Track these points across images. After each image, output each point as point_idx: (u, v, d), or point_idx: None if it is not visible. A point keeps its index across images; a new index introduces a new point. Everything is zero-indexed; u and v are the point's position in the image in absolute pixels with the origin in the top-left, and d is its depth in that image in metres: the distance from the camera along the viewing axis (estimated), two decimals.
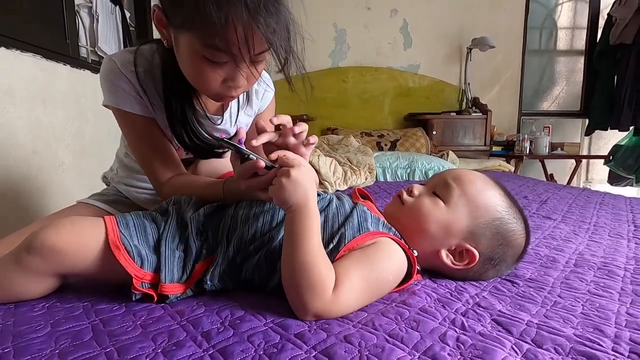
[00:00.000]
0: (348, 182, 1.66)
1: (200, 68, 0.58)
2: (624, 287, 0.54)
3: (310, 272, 0.43)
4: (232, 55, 0.55)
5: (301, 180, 0.46)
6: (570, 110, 3.12)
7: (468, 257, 0.54)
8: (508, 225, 0.54)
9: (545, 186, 1.67)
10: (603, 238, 0.82)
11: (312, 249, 0.44)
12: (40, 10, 1.40)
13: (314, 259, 0.44)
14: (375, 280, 0.47)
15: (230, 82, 0.59)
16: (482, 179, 0.58)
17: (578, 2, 3.03)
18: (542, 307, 0.48)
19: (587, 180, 3.23)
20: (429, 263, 0.56)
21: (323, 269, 0.44)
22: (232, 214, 0.54)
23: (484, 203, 0.54)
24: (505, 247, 0.54)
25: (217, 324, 0.43)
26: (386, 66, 2.89)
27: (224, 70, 0.58)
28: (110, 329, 0.42)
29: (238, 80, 0.59)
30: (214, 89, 0.60)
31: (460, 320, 0.44)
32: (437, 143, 2.64)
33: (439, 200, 0.55)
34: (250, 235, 0.51)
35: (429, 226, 0.54)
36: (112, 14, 1.82)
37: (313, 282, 0.43)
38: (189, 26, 0.55)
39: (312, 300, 0.43)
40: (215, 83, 0.59)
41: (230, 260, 0.51)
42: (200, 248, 0.52)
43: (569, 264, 0.65)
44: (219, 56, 0.56)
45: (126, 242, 0.48)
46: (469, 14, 2.83)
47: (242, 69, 0.58)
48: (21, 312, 0.46)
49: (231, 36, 0.52)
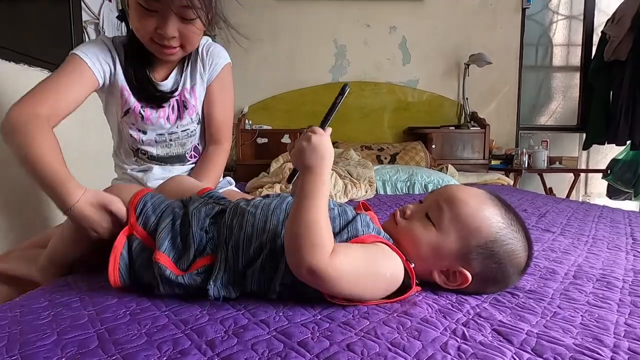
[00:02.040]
0: (348, 195, 1.67)
1: (138, 17, 0.74)
2: (623, 299, 0.55)
3: (313, 229, 0.46)
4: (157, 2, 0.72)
5: (319, 146, 0.51)
6: (568, 124, 3.16)
7: (461, 278, 0.54)
8: (505, 247, 0.53)
9: (544, 199, 1.68)
10: (602, 250, 0.83)
11: (317, 209, 0.48)
12: (49, 26, 1.44)
13: (318, 218, 0.47)
14: (372, 266, 0.49)
15: (160, 29, 0.75)
16: (477, 199, 0.56)
17: (572, 20, 3.11)
18: (542, 317, 0.48)
19: (585, 194, 3.24)
20: (426, 279, 0.57)
21: (325, 231, 0.47)
22: (227, 224, 0.55)
23: (477, 226, 0.53)
24: (502, 266, 0.54)
25: (221, 333, 0.43)
26: (385, 81, 2.94)
27: (155, 18, 0.75)
28: (115, 338, 0.42)
29: (166, 28, 0.75)
30: (149, 34, 0.76)
31: (461, 330, 0.44)
32: (437, 157, 2.66)
33: (430, 225, 0.55)
34: (247, 240, 0.53)
35: (420, 249, 0.55)
36: (117, 30, 1.87)
37: (314, 238, 0.46)
38: None
39: (309, 255, 0.45)
40: (149, 29, 0.75)
41: (232, 267, 0.52)
42: (205, 244, 0.54)
43: (568, 275, 0.65)
44: (149, 4, 0.72)
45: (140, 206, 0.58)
46: (466, 31, 2.90)
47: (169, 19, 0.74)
48: (27, 321, 0.47)
49: None
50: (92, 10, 1.71)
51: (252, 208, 0.57)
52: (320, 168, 0.51)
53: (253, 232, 0.54)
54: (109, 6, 1.81)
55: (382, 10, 2.88)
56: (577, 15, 3.09)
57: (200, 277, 0.52)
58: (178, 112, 0.93)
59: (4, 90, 1.18)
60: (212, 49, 0.94)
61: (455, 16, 2.89)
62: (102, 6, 1.76)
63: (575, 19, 3.09)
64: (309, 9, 2.83)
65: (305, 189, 0.49)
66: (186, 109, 0.93)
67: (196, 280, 0.52)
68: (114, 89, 0.87)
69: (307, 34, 2.87)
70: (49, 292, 0.58)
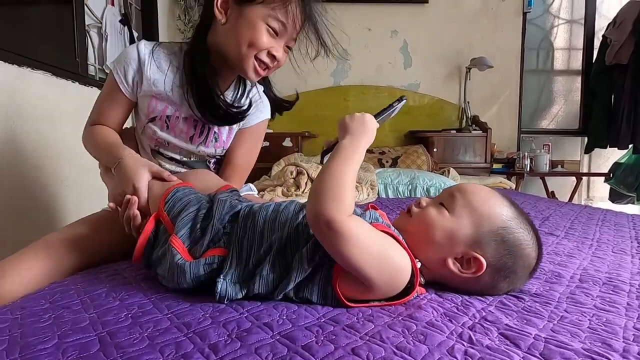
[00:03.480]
0: None
1: (259, 35, 0.76)
2: (630, 302, 0.54)
3: (339, 185, 0.49)
4: (285, 30, 0.77)
5: (366, 121, 0.58)
6: (569, 128, 3.16)
7: (475, 265, 0.54)
8: (514, 235, 0.54)
9: (546, 203, 1.68)
10: (607, 254, 0.82)
11: (347, 170, 0.50)
12: (52, 31, 1.45)
13: (346, 178, 0.50)
14: (382, 245, 0.50)
15: (275, 51, 0.79)
16: (486, 190, 0.59)
17: (573, 25, 3.12)
18: (549, 321, 0.48)
19: (588, 198, 3.23)
20: (438, 274, 0.56)
21: (350, 191, 0.49)
22: (241, 225, 0.56)
23: (488, 212, 0.55)
24: (513, 257, 0.54)
25: (224, 336, 0.43)
26: (387, 85, 2.94)
27: (275, 41, 0.78)
28: (117, 341, 0.42)
29: (280, 52, 0.80)
30: (259, 50, 0.78)
31: (468, 334, 0.44)
32: (438, 160, 2.66)
33: (444, 210, 0.57)
34: (258, 239, 0.54)
35: (434, 234, 0.55)
36: (120, 34, 1.88)
37: (338, 193, 0.48)
38: (262, 1, 0.75)
39: (330, 206, 0.47)
40: (264, 47, 0.77)
41: (243, 266, 0.52)
42: (221, 236, 0.56)
43: (574, 279, 0.65)
44: (277, 25, 0.76)
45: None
46: (467, 35, 2.91)
47: (286, 43, 0.80)
48: (28, 323, 0.46)
49: (289, 12, 0.76)
50: (95, 14, 1.73)
51: (263, 211, 0.58)
52: (360, 137, 0.55)
53: (264, 232, 0.54)
54: (112, 10, 1.83)
55: (383, 14, 2.89)
56: (578, 20, 3.10)
57: (209, 267, 0.53)
58: (205, 139, 0.91)
59: (8, 93, 1.19)
60: (261, 100, 0.95)
61: (457, 20, 2.90)
62: (105, 10, 1.77)
63: (576, 23, 3.10)
64: None
65: (340, 152, 0.53)
66: (215, 141, 0.92)
67: (205, 270, 0.52)
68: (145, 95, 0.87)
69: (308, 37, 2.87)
70: (50, 294, 0.58)
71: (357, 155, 0.54)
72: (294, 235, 0.53)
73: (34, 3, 1.48)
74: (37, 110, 1.30)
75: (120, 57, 0.86)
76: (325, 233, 0.47)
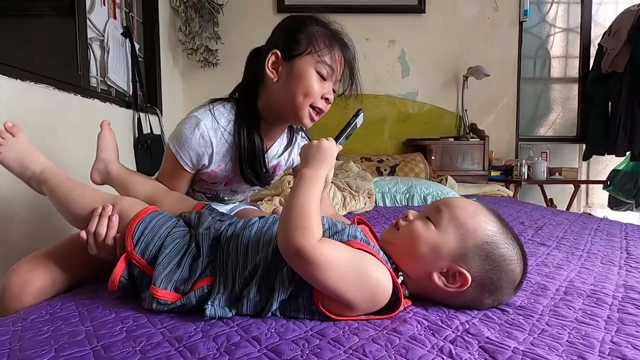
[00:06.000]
0: (347, 207, 1.68)
1: (312, 83, 0.79)
2: (611, 315, 0.56)
3: (303, 213, 0.51)
4: (332, 72, 0.80)
5: (323, 148, 0.61)
6: (567, 135, 3.17)
7: (460, 279, 0.55)
8: (499, 250, 0.55)
9: (542, 212, 1.69)
10: (595, 265, 0.84)
11: (310, 198, 0.53)
12: (54, 44, 1.48)
13: (310, 205, 0.52)
14: (357, 263, 0.51)
15: (327, 95, 0.81)
16: (473, 205, 0.60)
17: (570, 33, 3.15)
18: (530, 334, 0.49)
19: (587, 205, 3.23)
20: (423, 288, 0.58)
21: (315, 217, 0.51)
22: (224, 248, 0.57)
23: (474, 227, 0.56)
24: (498, 272, 0.55)
25: (213, 350, 0.44)
26: (385, 93, 2.97)
27: (325, 86, 0.80)
28: (110, 355, 0.44)
29: (332, 95, 0.83)
30: (314, 99, 0.80)
31: (448, 348, 0.45)
32: (436, 168, 2.67)
33: (430, 224, 0.58)
34: (243, 261, 0.55)
35: (420, 248, 0.56)
36: (122, 46, 1.92)
37: (304, 221, 0.50)
38: (309, 51, 0.78)
39: (298, 235, 0.49)
40: (320, 92, 0.80)
41: (230, 289, 0.53)
42: (206, 266, 0.56)
43: (559, 291, 0.66)
44: (325, 70, 0.79)
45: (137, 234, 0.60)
46: (464, 44, 2.94)
47: (335, 86, 0.83)
48: (27, 336, 0.48)
49: (334, 56, 0.80)
50: (98, 27, 1.76)
51: (247, 231, 0.59)
52: (319, 165, 0.58)
53: (247, 254, 0.55)
54: (114, 23, 1.87)
55: (381, 24, 2.93)
56: (574, 28, 3.13)
57: (199, 298, 0.54)
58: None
59: (12, 107, 1.22)
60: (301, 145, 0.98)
61: (454, 30, 2.94)
62: (107, 23, 1.81)
63: (572, 31, 3.13)
64: None
65: (301, 180, 0.55)
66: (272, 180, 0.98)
67: (196, 300, 0.54)
68: None
69: None
70: (50, 305, 0.60)
71: (318, 183, 0.56)
72: (278, 254, 0.53)
73: (37, 16, 1.52)
74: (40, 123, 1.33)
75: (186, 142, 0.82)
76: (297, 262, 0.49)
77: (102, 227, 0.64)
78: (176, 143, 0.83)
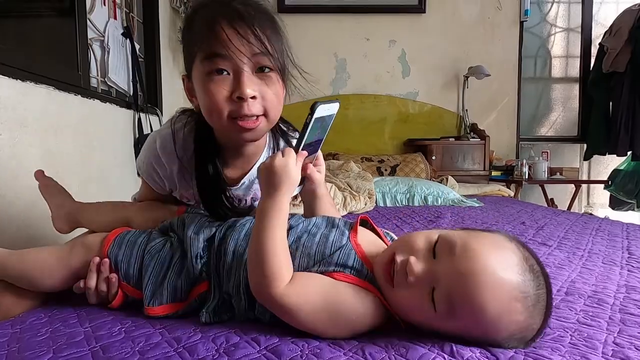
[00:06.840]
0: (347, 207, 1.68)
1: (209, 89, 0.58)
2: (612, 316, 0.55)
3: (269, 260, 0.46)
4: (225, 54, 0.56)
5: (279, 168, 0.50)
6: (568, 135, 3.17)
7: None
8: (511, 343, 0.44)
9: (543, 212, 1.68)
10: (596, 265, 0.83)
11: (275, 238, 0.47)
12: (55, 45, 1.48)
13: (275, 248, 0.47)
14: (333, 305, 0.45)
15: (237, 92, 0.57)
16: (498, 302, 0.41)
17: (570, 33, 3.14)
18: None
19: (588, 205, 3.23)
20: None
21: (279, 262, 0.47)
22: (215, 250, 0.56)
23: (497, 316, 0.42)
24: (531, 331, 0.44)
25: (212, 351, 0.44)
26: (385, 94, 2.97)
27: (228, 82, 0.58)
28: (109, 356, 0.43)
29: (243, 87, 0.57)
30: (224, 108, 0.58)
31: (449, 346, 0.45)
32: (437, 168, 2.67)
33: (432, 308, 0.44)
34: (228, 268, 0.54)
35: (411, 319, 0.48)
36: (122, 47, 1.92)
37: (267, 270, 0.46)
38: (194, 55, 0.59)
39: (263, 285, 0.46)
40: (222, 96, 0.58)
41: (224, 293, 0.53)
42: (200, 269, 0.55)
43: (560, 292, 0.66)
44: (219, 62, 0.57)
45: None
46: (464, 44, 2.94)
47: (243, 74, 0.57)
48: (26, 338, 0.48)
49: (221, 36, 0.56)
50: (98, 27, 1.76)
51: (236, 233, 0.56)
52: (276, 191, 0.49)
53: (238, 257, 0.54)
54: (114, 24, 1.86)
55: (381, 24, 2.93)
56: (574, 28, 3.13)
57: (200, 303, 0.54)
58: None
59: (12, 108, 1.21)
60: None
61: (454, 29, 2.93)
62: (107, 24, 1.80)
63: (573, 31, 3.13)
64: (308, 22, 2.88)
65: (261, 216, 0.49)
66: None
67: (197, 305, 0.54)
68: None
69: (307, 48, 2.91)
70: (49, 307, 0.60)
71: (281, 213, 0.49)
72: None
73: (38, 17, 1.52)
74: (40, 124, 1.33)
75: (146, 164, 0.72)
76: (270, 308, 0.47)
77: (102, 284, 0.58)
78: (141, 165, 0.75)
